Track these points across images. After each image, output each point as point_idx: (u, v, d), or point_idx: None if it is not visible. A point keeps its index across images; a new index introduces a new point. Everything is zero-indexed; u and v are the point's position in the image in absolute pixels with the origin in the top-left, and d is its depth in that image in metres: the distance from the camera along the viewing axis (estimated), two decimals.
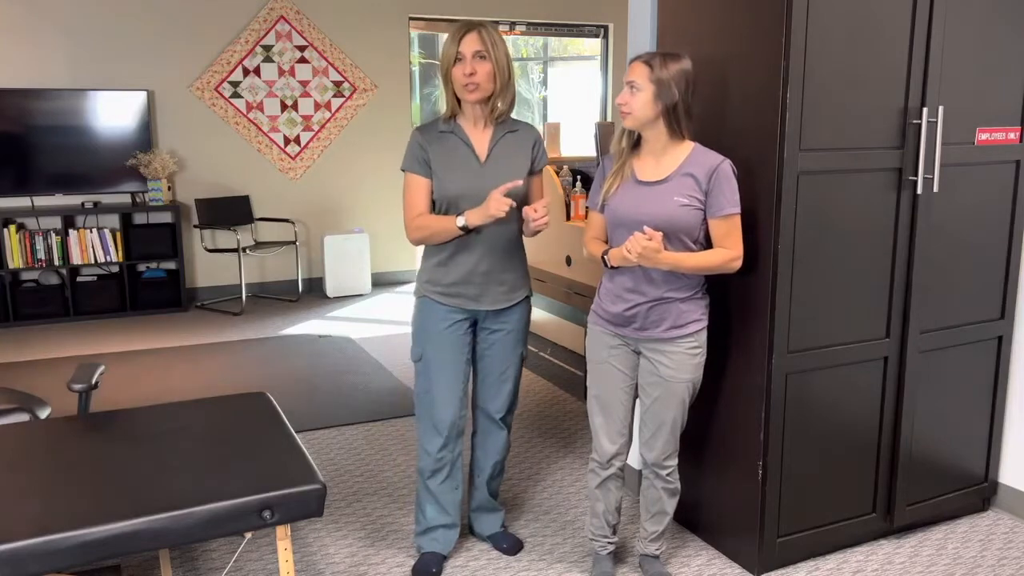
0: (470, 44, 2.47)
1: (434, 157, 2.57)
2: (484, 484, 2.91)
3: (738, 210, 2.43)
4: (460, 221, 2.49)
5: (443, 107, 2.63)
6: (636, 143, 2.52)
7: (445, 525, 2.82)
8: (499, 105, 2.56)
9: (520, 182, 2.55)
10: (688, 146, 2.47)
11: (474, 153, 2.59)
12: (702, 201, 2.42)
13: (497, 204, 2.43)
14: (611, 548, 2.75)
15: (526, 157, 2.65)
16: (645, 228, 2.34)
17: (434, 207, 2.62)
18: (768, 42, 2.44)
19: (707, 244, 2.48)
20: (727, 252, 2.44)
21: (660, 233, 2.34)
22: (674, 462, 2.62)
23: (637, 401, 2.63)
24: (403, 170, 2.62)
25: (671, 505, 2.68)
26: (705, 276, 2.53)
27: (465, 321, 2.69)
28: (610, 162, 2.56)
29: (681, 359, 2.50)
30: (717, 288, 2.71)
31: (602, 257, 2.50)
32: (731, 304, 2.70)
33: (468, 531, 3.04)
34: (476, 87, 2.50)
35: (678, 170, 2.43)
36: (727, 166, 2.42)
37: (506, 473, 3.55)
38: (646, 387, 2.56)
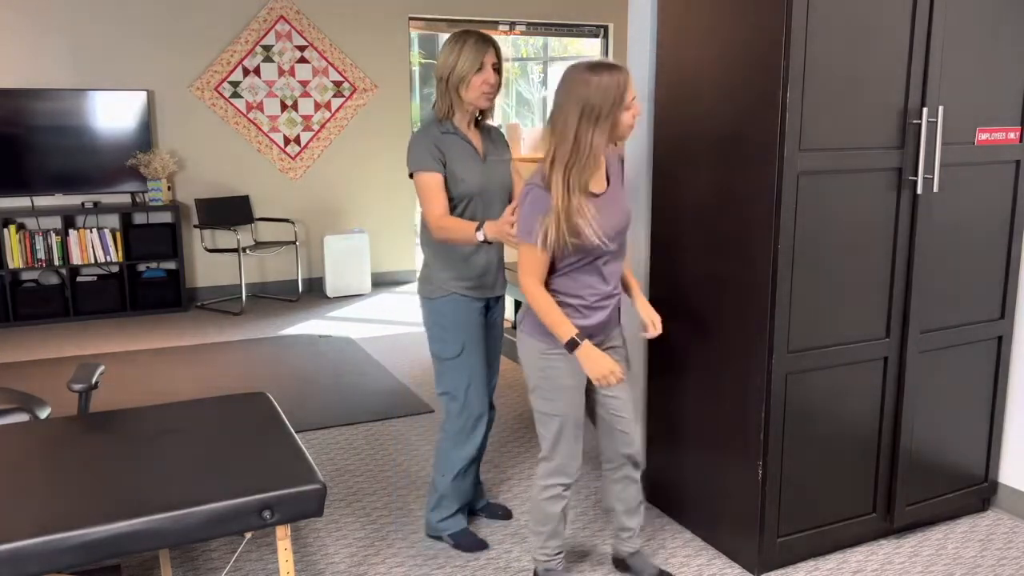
0: (492, 57, 2.68)
1: (450, 157, 2.69)
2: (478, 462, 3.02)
3: None
4: (481, 236, 2.57)
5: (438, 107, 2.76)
6: None
7: (464, 506, 3.01)
8: (491, 113, 2.83)
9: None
10: None
11: (477, 152, 2.76)
12: None
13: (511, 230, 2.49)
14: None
15: (507, 152, 2.89)
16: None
17: (450, 203, 2.72)
18: (768, 42, 2.45)
19: None
20: None
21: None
22: None
23: (612, 404, 2.53)
24: (417, 171, 2.68)
25: (642, 493, 2.67)
26: None
27: (485, 310, 2.87)
28: (543, 195, 2.27)
29: (624, 338, 2.60)
30: (717, 288, 2.71)
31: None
32: (731, 304, 2.70)
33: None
34: (493, 96, 2.72)
35: (607, 172, 2.43)
36: None
37: (505, 472, 3.56)
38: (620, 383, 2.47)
